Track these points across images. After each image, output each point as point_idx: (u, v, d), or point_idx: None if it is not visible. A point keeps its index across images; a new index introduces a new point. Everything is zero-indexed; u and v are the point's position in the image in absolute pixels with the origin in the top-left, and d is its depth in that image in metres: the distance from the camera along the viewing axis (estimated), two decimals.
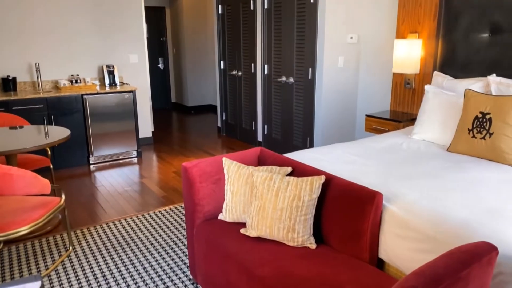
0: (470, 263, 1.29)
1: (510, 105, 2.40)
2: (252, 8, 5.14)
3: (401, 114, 3.79)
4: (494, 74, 3.00)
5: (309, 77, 4.40)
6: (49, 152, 3.68)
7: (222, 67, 6.10)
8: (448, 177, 2.15)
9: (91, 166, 4.76)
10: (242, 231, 2.04)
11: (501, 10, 2.99)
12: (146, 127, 5.74)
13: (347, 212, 1.88)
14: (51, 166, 3.54)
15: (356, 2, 4.24)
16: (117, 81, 5.13)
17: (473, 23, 3.19)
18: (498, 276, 1.47)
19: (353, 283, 1.61)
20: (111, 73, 5.08)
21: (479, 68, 3.18)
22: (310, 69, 4.37)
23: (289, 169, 2.19)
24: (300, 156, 2.60)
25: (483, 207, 1.78)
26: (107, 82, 5.08)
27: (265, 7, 4.89)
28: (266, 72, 5.10)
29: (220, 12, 5.90)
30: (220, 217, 2.21)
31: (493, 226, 1.63)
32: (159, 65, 8.42)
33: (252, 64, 5.33)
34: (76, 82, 4.87)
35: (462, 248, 1.36)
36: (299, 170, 2.18)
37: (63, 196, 2.69)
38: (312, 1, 4.19)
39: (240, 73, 5.66)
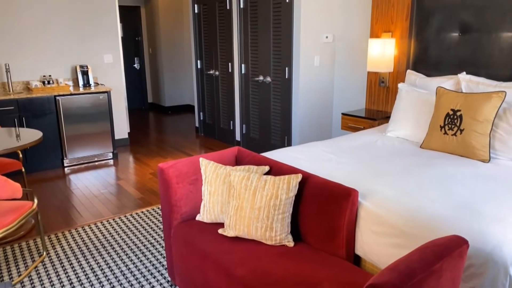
0: (442, 256, 1.33)
1: (479, 102, 2.48)
2: (228, 8, 5.12)
3: (376, 112, 3.85)
4: (464, 72, 3.08)
5: (286, 77, 4.42)
6: (21, 155, 3.58)
7: (199, 66, 6.06)
8: (422, 173, 2.20)
9: (66, 169, 4.65)
10: (220, 231, 2.04)
11: (470, 10, 3.08)
12: (122, 128, 5.65)
13: (324, 209, 1.90)
14: (23, 170, 3.44)
15: (331, 2, 4.28)
16: (91, 81, 5.03)
17: (443, 23, 3.27)
18: (469, 269, 1.52)
19: (331, 280, 1.63)
20: (85, 73, 4.98)
21: (450, 66, 3.27)
22: (287, 68, 4.39)
23: (267, 168, 2.20)
24: (277, 155, 2.61)
25: (454, 202, 1.83)
26: (81, 82, 4.98)
27: (241, 6, 4.89)
28: (243, 72, 5.09)
29: (196, 11, 5.86)
30: (198, 217, 2.20)
31: (464, 220, 1.67)
32: (135, 65, 8.30)
33: (229, 64, 5.32)
34: (49, 83, 4.74)
35: (434, 242, 1.40)
36: (276, 169, 2.19)
37: (36, 200, 2.62)
38: (287, 1, 4.21)
39: (217, 73, 5.64)
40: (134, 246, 2.89)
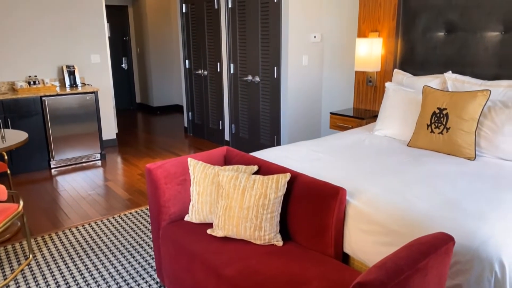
0: (428, 253, 1.34)
1: (464, 101, 2.51)
2: (216, 7, 5.11)
3: (363, 111, 3.88)
4: (450, 71, 3.12)
5: (275, 76, 4.42)
6: (6, 157, 3.52)
7: (187, 66, 6.03)
8: (409, 171, 2.22)
9: (53, 170, 4.59)
10: (209, 231, 2.03)
11: (455, 10, 3.12)
12: (109, 129, 5.60)
13: (312, 208, 1.91)
14: (9, 172, 3.38)
15: (318, 2, 4.30)
16: (78, 82, 4.97)
17: (429, 22, 3.31)
18: (456, 265, 1.54)
19: (320, 278, 1.63)
20: (71, 73, 4.92)
21: (436, 66, 3.30)
22: (275, 68, 4.40)
23: (255, 167, 2.20)
24: (266, 154, 2.61)
25: (441, 199, 1.85)
26: (67, 83, 4.92)
27: (229, 6, 4.88)
28: (232, 71, 5.08)
29: (184, 11, 5.83)
30: (187, 218, 2.19)
31: (450, 217, 1.69)
32: (123, 65, 8.23)
33: (218, 63, 5.31)
34: (34, 83, 4.68)
35: (421, 240, 1.41)
36: (265, 169, 2.19)
37: (21, 202, 2.58)
38: (275, 1, 4.21)
39: (206, 73, 5.62)
40: (122, 247, 2.87)
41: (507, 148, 2.39)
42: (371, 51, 3.64)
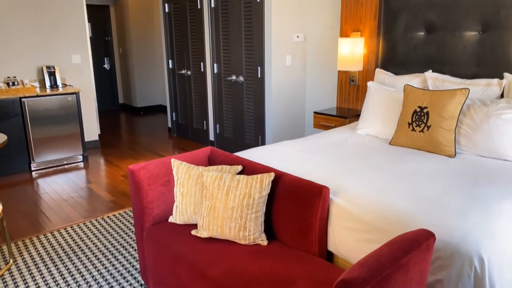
0: (410, 250, 1.36)
1: (444, 99, 2.56)
2: (199, 7, 5.09)
3: (346, 110, 3.92)
4: (430, 70, 3.18)
5: (259, 76, 4.43)
6: None
7: (170, 66, 5.99)
8: (391, 169, 2.25)
9: (33, 173, 4.50)
10: (193, 232, 2.02)
11: (435, 10, 3.17)
12: (92, 130, 5.52)
13: (296, 207, 1.92)
14: None
15: (301, 2, 4.32)
16: (59, 82, 4.89)
17: (410, 22, 3.36)
18: (437, 261, 1.57)
19: (304, 277, 1.64)
20: (52, 74, 4.83)
21: (417, 65, 3.36)
22: (259, 67, 4.40)
23: (240, 167, 2.20)
24: (250, 154, 2.61)
25: (422, 196, 1.88)
26: (48, 84, 4.83)
27: (212, 5, 4.87)
28: (215, 71, 5.07)
29: (166, 10, 5.79)
30: (171, 219, 2.17)
31: (431, 214, 1.72)
32: (105, 65, 8.12)
33: (201, 63, 5.29)
34: (13, 84, 4.58)
35: (403, 237, 1.44)
36: (249, 168, 2.19)
37: (1, 206, 2.53)
38: (258, 0, 4.21)
39: (189, 72, 5.59)
40: (105, 250, 2.83)
41: (486, 145, 2.44)
42: (353, 51, 3.68)
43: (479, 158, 2.45)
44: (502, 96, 2.77)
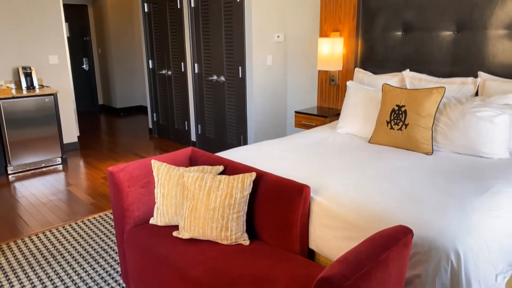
0: (389, 246, 1.39)
1: (422, 97, 2.61)
2: (179, 7, 5.06)
3: (327, 110, 3.95)
4: (408, 69, 3.23)
5: (240, 76, 4.43)
6: None
7: (150, 66, 5.93)
8: (370, 167, 2.28)
9: (10, 176, 4.39)
10: (174, 233, 2.01)
11: (412, 10, 3.23)
12: (71, 132, 5.42)
13: (278, 206, 1.93)
14: None
15: (281, 2, 4.34)
16: (35, 84, 4.78)
17: (388, 22, 3.41)
18: (415, 256, 1.60)
19: (286, 275, 1.65)
20: (28, 75, 4.72)
21: (395, 64, 3.41)
22: (240, 67, 4.40)
23: (221, 167, 2.20)
24: (232, 154, 2.61)
25: (400, 193, 1.92)
26: (24, 85, 4.72)
27: (192, 5, 4.84)
28: (196, 71, 5.05)
29: (146, 10, 5.73)
30: (152, 221, 2.16)
31: (409, 210, 1.76)
32: (84, 66, 7.99)
33: (182, 63, 5.25)
34: None
35: (381, 233, 1.46)
36: (230, 168, 2.19)
37: None
38: (238, 0, 4.21)
39: (170, 72, 5.55)
40: (86, 253, 2.79)
41: (462, 143, 2.50)
42: (333, 51, 3.71)
43: (456, 155, 2.51)
44: (476, 94, 2.85)
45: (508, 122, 2.43)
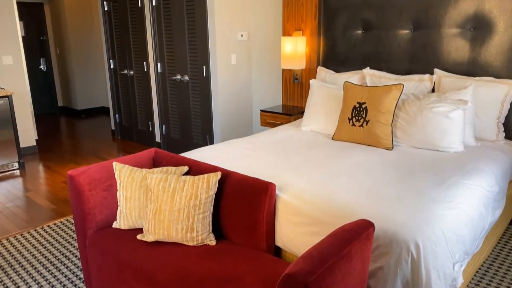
0: (351, 240, 1.42)
1: (381, 94, 2.68)
2: (140, 5, 4.95)
3: (292, 108, 3.99)
4: (368, 67, 3.32)
5: (204, 75, 4.39)
6: None
7: (112, 66, 5.78)
8: (333, 163, 2.33)
9: None
10: (139, 237, 1.97)
11: (371, 9, 3.32)
12: (28, 135, 5.19)
13: (244, 205, 1.93)
14: None
15: (243, 1, 4.33)
16: None
17: (348, 21, 3.49)
18: (377, 249, 1.64)
19: (252, 273, 1.66)
20: None
21: (356, 62, 3.49)
22: (204, 66, 4.37)
23: (186, 168, 2.17)
24: (197, 154, 2.59)
25: (362, 188, 1.97)
26: None
27: (154, 4, 4.75)
28: (159, 71, 4.96)
29: (106, 8, 5.58)
30: (115, 225, 2.10)
31: (371, 204, 1.80)
32: (41, 67, 7.67)
33: (144, 63, 5.15)
34: None
35: (344, 228, 1.49)
36: (195, 169, 2.17)
37: None
38: None
39: (132, 72, 5.43)
40: (46, 261, 2.68)
41: (420, 137, 2.59)
42: (295, 50, 3.75)
43: (415, 149, 2.59)
44: (433, 90, 2.96)
45: (462, 117, 2.54)
